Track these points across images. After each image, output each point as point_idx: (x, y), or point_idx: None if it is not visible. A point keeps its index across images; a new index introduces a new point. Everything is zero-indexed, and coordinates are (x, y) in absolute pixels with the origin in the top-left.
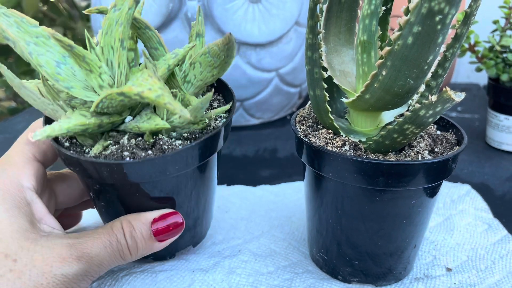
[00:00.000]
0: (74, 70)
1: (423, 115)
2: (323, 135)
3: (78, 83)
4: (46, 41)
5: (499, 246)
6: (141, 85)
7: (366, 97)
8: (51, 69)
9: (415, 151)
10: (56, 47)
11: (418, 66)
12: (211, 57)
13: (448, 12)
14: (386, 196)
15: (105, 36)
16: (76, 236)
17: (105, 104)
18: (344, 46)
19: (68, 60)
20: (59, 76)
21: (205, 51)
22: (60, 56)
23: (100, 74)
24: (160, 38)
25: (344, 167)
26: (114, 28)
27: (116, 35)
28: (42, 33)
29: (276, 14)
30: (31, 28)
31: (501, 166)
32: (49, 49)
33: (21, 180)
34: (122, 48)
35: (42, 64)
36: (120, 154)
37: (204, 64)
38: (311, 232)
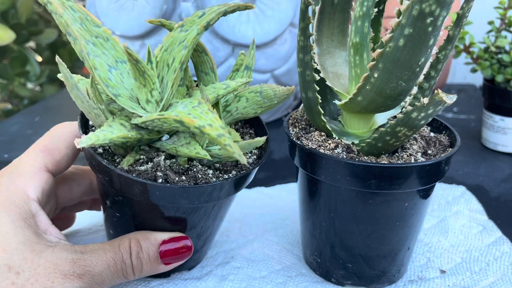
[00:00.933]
0: (123, 77)
1: (415, 118)
2: (315, 137)
3: (125, 92)
4: (104, 43)
5: (493, 248)
6: (201, 118)
7: (358, 99)
8: (104, 73)
9: (408, 153)
10: (111, 51)
11: (409, 68)
12: (261, 97)
13: (439, 14)
14: (378, 198)
15: (163, 52)
16: (82, 250)
17: (154, 124)
18: (337, 48)
19: (120, 66)
20: (110, 81)
21: (256, 89)
22: (113, 60)
23: (151, 90)
24: (213, 64)
25: (337, 170)
26: (176, 47)
27: (177, 56)
28: (102, 34)
29: (270, 16)
30: (93, 27)
31: (496, 168)
32: (104, 51)
33: (27, 191)
34: (180, 70)
35: (97, 67)
36: (154, 173)
37: (251, 100)
38: (305, 235)
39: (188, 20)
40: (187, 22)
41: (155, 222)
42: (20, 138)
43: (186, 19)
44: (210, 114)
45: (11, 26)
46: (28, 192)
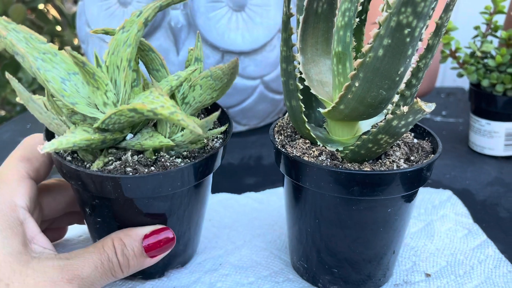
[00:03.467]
0: (78, 87)
1: (396, 125)
2: (300, 145)
3: (82, 100)
4: (53, 57)
5: (478, 251)
6: (153, 103)
7: (340, 107)
8: (57, 85)
9: (391, 160)
10: (62, 64)
11: (389, 77)
12: (212, 80)
13: (416, 25)
14: (362, 204)
15: (111, 56)
16: (67, 256)
17: (112, 120)
18: (322, 56)
19: (72, 77)
20: (65, 92)
21: (207, 74)
22: (65, 73)
23: (106, 92)
24: (162, 61)
25: (320, 177)
26: (121, 48)
27: (124, 55)
28: (49, 50)
29: (259, 22)
30: (39, 44)
31: (483, 171)
32: (55, 66)
33: (15, 199)
34: (129, 68)
35: (49, 80)
36: (123, 169)
37: (204, 87)
38: (292, 241)
39: (127, 21)
40: (127, 23)
41: (135, 219)
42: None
43: (125, 21)
44: (160, 97)
45: None
46: (15, 200)
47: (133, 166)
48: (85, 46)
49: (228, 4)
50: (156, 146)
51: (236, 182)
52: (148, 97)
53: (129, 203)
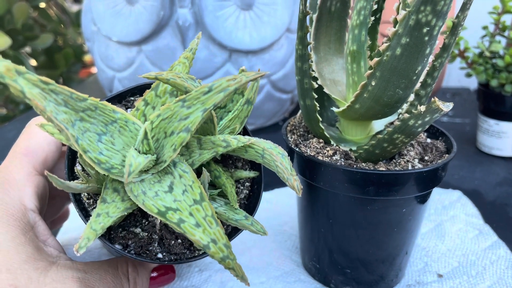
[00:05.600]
0: (113, 139)
1: (412, 125)
2: (314, 144)
3: (116, 159)
4: (92, 113)
5: (489, 251)
6: (204, 232)
7: (356, 107)
8: (94, 152)
9: (405, 160)
10: (99, 118)
11: (406, 76)
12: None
13: (435, 24)
14: (376, 204)
15: (161, 121)
16: (84, 269)
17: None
18: (335, 55)
19: (109, 127)
20: (101, 158)
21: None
22: (103, 126)
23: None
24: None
25: (335, 177)
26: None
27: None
28: (89, 106)
29: (267, 21)
30: (79, 103)
31: (491, 172)
32: (93, 122)
33: (24, 201)
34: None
35: (87, 149)
36: (150, 238)
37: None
38: (303, 241)
39: (192, 96)
40: (190, 99)
41: None
42: None
43: (189, 94)
44: (214, 225)
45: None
46: (24, 202)
47: (160, 232)
48: (90, 44)
49: (236, 3)
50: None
51: None
52: (199, 210)
53: None
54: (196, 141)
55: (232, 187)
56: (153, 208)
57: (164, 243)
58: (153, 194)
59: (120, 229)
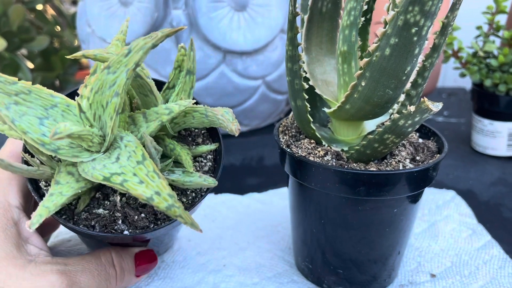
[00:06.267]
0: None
1: (402, 125)
2: (305, 145)
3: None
4: (27, 96)
5: (482, 251)
6: (147, 185)
7: (346, 107)
8: (36, 133)
9: (397, 160)
10: (37, 101)
11: (396, 76)
12: (208, 120)
13: (424, 24)
14: (368, 205)
15: (95, 94)
16: (65, 262)
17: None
18: (326, 56)
19: (50, 112)
20: (44, 139)
21: (202, 110)
22: (42, 110)
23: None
24: (151, 87)
25: (326, 177)
26: (107, 91)
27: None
28: (21, 90)
29: (261, 22)
30: (10, 86)
31: (486, 171)
32: (30, 105)
33: (8, 198)
34: (116, 116)
35: (26, 130)
36: (113, 216)
37: (197, 119)
38: (296, 242)
39: (114, 61)
40: (113, 64)
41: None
42: None
43: (111, 58)
44: (156, 178)
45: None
46: (9, 199)
47: (122, 210)
48: (85, 46)
49: (230, 4)
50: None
51: (239, 183)
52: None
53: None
54: (142, 116)
55: (187, 155)
56: (99, 176)
57: (128, 219)
58: (101, 167)
59: (83, 212)
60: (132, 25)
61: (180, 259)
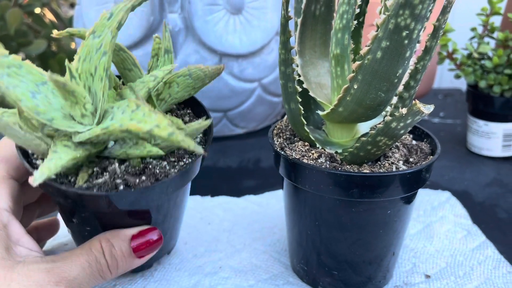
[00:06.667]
0: (49, 99)
1: (395, 127)
2: (299, 147)
3: (57, 113)
4: (18, 70)
5: (477, 252)
6: (146, 122)
7: (339, 110)
8: (30, 103)
9: (390, 162)
10: (28, 76)
11: (388, 79)
12: (192, 79)
13: (414, 28)
14: (361, 206)
15: (83, 62)
16: (53, 259)
17: (100, 138)
18: (320, 59)
19: (41, 88)
20: (39, 108)
21: (184, 72)
22: (34, 85)
23: (84, 104)
24: (135, 60)
25: (320, 179)
26: (94, 56)
27: (99, 64)
28: (13, 63)
29: (257, 25)
30: (1, 58)
31: (481, 172)
32: (22, 79)
33: None
34: (106, 77)
35: (21, 98)
36: (113, 182)
37: (182, 84)
38: (291, 243)
39: (97, 25)
40: (97, 28)
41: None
42: None
43: (95, 24)
44: (153, 115)
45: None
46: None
47: (122, 177)
48: None
49: (226, 7)
50: (144, 156)
51: (235, 185)
52: (137, 113)
53: (122, 212)
54: (128, 89)
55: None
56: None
57: (130, 184)
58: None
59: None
60: (128, 29)
61: (176, 262)
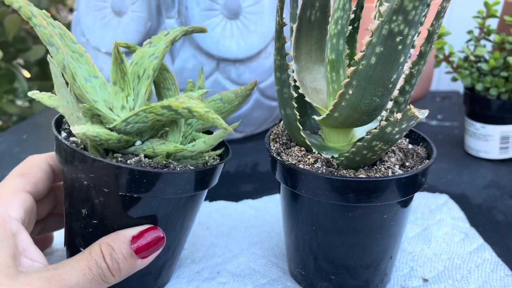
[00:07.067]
0: (96, 90)
1: (390, 132)
2: (295, 152)
3: (101, 100)
4: (79, 58)
5: (475, 255)
6: (186, 102)
7: (335, 115)
8: (83, 81)
9: (386, 166)
10: (85, 65)
11: (382, 84)
12: (222, 103)
13: (408, 33)
14: (358, 211)
15: (134, 65)
16: (54, 267)
17: (138, 118)
18: (316, 64)
19: (93, 79)
20: (88, 89)
21: (216, 97)
22: (87, 74)
23: (127, 95)
24: (175, 81)
25: (316, 185)
26: (146, 60)
27: (150, 65)
28: (77, 50)
29: (254, 30)
30: (70, 43)
31: (478, 174)
32: (80, 65)
33: (8, 211)
34: (152, 77)
35: (77, 75)
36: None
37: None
38: (289, 248)
39: (155, 38)
40: (155, 40)
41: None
42: (7, 156)
43: (153, 37)
44: (191, 100)
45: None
46: (9, 211)
47: (145, 167)
48: None
49: (223, 12)
50: (171, 151)
51: (233, 190)
52: (178, 99)
53: (132, 201)
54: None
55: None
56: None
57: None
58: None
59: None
60: (126, 34)
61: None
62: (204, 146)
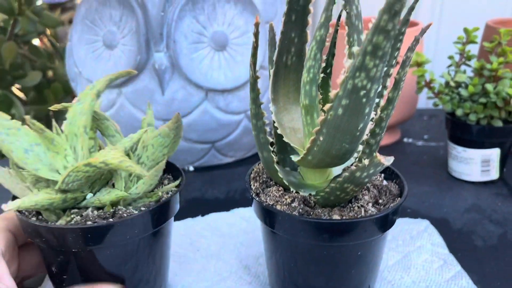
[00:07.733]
0: (40, 156)
1: (359, 176)
2: (273, 192)
3: (44, 166)
4: (16, 132)
5: (452, 282)
6: (105, 156)
7: (308, 158)
8: (20, 154)
9: (360, 204)
10: (25, 137)
11: (350, 133)
12: (162, 137)
13: (371, 88)
14: (333, 249)
15: (69, 125)
16: None
17: (71, 178)
18: (294, 104)
19: (35, 148)
20: (27, 159)
21: (156, 133)
22: (28, 144)
23: (65, 156)
24: (116, 127)
25: (292, 225)
26: (78, 117)
27: (80, 123)
28: (13, 126)
29: (241, 61)
30: (3, 121)
31: (460, 198)
32: (18, 139)
33: None
34: (85, 134)
35: (13, 150)
36: (84, 223)
37: (156, 145)
38: (271, 276)
39: (82, 94)
40: (82, 96)
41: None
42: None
43: (80, 94)
44: (111, 152)
45: None
46: None
47: (93, 220)
48: (74, 84)
49: (210, 45)
50: (113, 199)
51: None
52: (101, 153)
53: (91, 255)
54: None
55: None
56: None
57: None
58: None
59: None
60: (117, 67)
61: None
62: (144, 186)
